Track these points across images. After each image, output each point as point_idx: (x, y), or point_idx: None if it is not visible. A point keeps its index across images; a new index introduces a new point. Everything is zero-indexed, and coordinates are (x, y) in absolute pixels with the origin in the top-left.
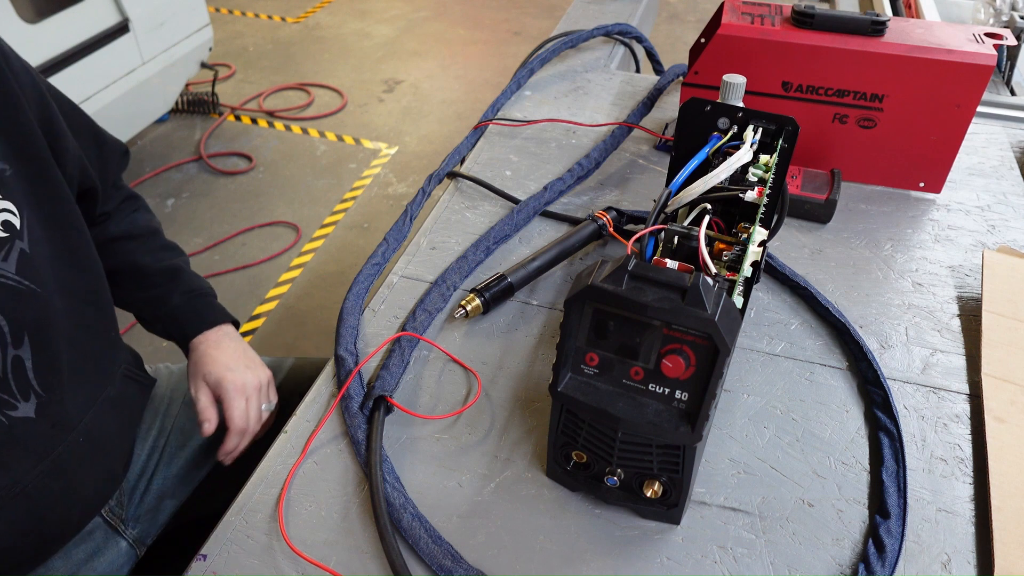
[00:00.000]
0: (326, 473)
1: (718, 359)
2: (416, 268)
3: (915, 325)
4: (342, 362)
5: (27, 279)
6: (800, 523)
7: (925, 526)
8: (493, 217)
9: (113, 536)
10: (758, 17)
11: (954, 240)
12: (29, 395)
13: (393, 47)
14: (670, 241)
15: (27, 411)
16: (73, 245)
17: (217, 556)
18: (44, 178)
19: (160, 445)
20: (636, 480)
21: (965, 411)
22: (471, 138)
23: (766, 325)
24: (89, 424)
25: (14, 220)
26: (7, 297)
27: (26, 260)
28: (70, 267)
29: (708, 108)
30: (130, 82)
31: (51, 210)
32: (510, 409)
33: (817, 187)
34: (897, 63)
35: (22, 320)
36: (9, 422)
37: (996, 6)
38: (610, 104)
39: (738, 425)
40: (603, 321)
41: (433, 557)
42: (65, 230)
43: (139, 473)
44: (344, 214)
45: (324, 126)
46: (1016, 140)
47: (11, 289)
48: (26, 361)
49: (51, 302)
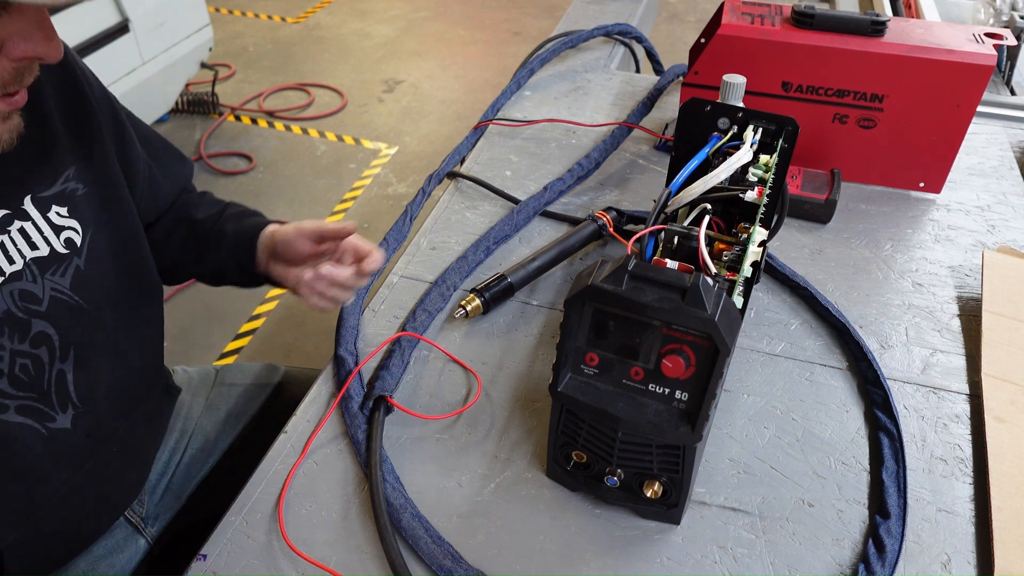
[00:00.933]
0: (326, 473)
1: (718, 359)
2: (416, 268)
3: (915, 325)
4: (342, 362)
5: (78, 295)
6: (800, 523)
7: (925, 526)
8: (493, 217)
9: (134, 534)
10: (758, 17)
11: (954, 240)
12: (67, 407)
13: (393, 47)
14: (670, 241)
15: (64, 422)
16: (134, 263)
17: (217, 556)
18: (115, 198)
19: (181, 447)
20: (636, 480)
21: (965, 411)
22: (471, 138)
23: (766, 325)
24: (123, 435)
25: (76, 238)
26: (61, 312)
27: (80, 277)
28: (128, 285)
29: (708, 108)
30: (130, 82)
31: (117, 229)
32: (510, 409)
33: (817, 187)
34: (897, 63)
35: (72, 335)
36: (48, 433)
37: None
38: (610, 104)
39: (738, 425)
40: (603, 321)
41: (433, 557)
42: (129, 249)
43: (160, 473)
44: (344, 214)
45: (324, 126)
46: (1016, 140)
47: (65, 304)
48: (68, 374)
49: (100, 318)
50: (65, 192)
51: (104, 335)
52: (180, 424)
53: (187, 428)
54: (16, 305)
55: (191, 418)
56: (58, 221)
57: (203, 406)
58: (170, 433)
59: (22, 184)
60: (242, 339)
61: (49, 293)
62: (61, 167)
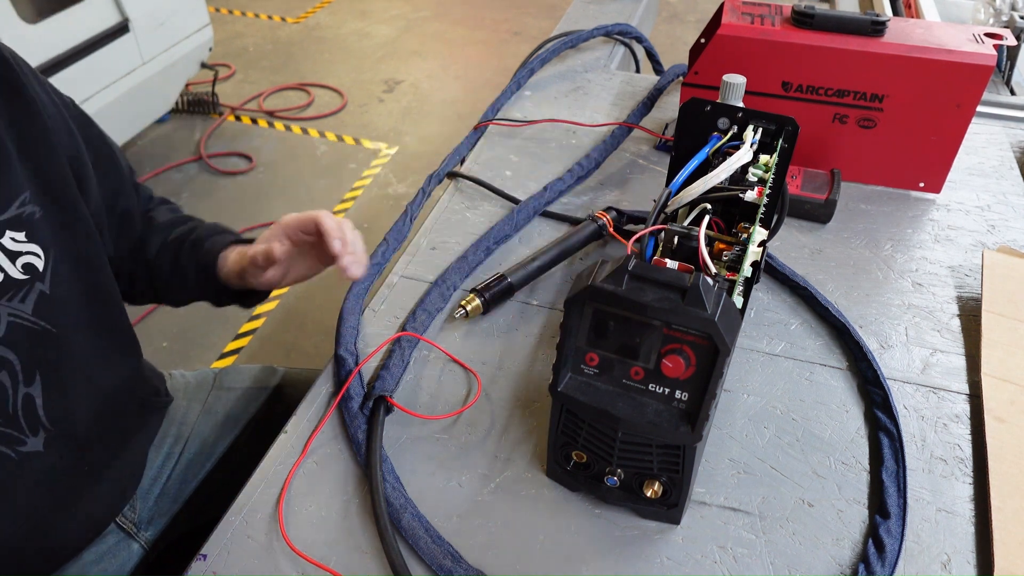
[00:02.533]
0: (326, 473)
1: (718, 359)
2: (416, 268)
3: (915, 325)
4: (342, 362)
5: (43, 320)
6: (800, 523)
7: (925, 526)
8: (493, 217)
9: (125, 539)
10: (758, 17)
11: (954, 240)
12: (38, 430)
13: (393, 47)
14: (670, 241)
15: (36, 445)
16: (98, 283)
17: (217, 556)
18: (73, 218)
19: (176, 452)
20: (636, 480)
21: (965, 411)
22: (471, 138)
23: (766, 325)
24: (100, 452)
25: (37, 263)
26: (23, 337)
27: (44, 301)
28: (94, 304)
29: (708, 108)
30: (130, 82)
31: (78, 249)
32: (510, 409)
33: (817, 187)
34: (897, 63)
35: (36, 359)
36: (18, 457)
37: (996, 6)
38: (610, 104)
39: (738, 425)
40: (603, 321)
41: (433, 557)
42: (92, 268)
43: (153, 478)
44: (344, 214)
45: (324, 126)
46: (1016, 140)
47: (27, 330)
48: (36, 399)
49: (69, 341)
50: (22, 216)
51: (73, 358)
52: (175, 429)
53: (182, 433)
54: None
55: (187, 423)
56: (13, 247)
57: (199, 411)
58: (163, 439)
59: None
60: (242, 339)
61: (7, 319)
62: (16, 191)
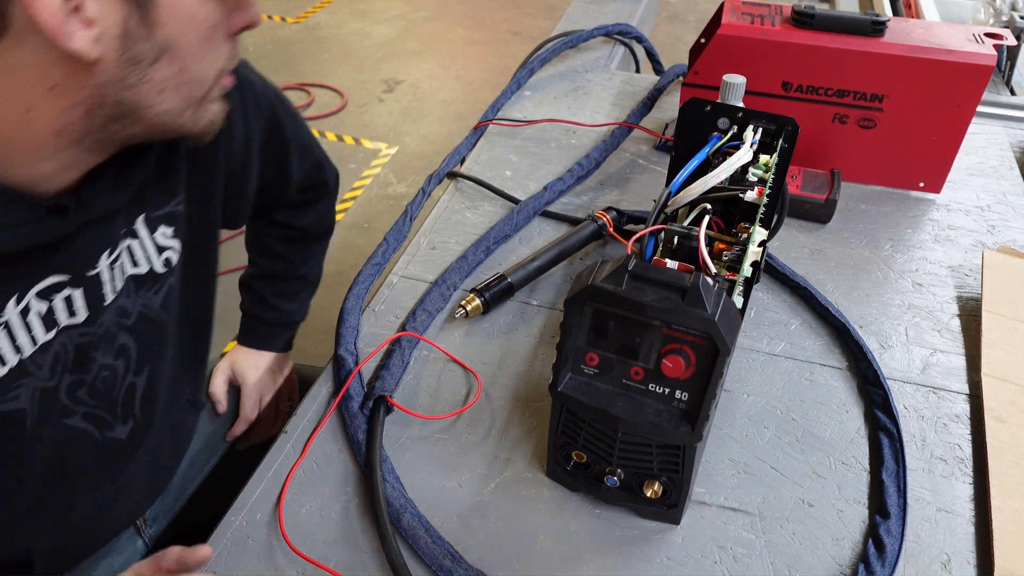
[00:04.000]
0: (326, 473)
1: (718, 359)
2: (416, 268)
3: (915, 325)
4: (342, 362)
5: (166, 312)
6: (800, 523)
7: (925, 526)
8: (493, 217)
9: (133, 535)
10: (758, 17)
11: (954, 240)
12: (129, 418)
13: (393, 47)
14: (670, 241)
15: (121, 432)
16: (205, 278)
17: (217, 556)
18: (207, 217)
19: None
20: (636, 480)
21: (965, 411)
22: (471, 138)
23: (766, 325)
24: (154, 445)
25: (174, 258)
26: (145, 328)
27: (171, 295)
28: (195, 298)
29: (708, 108)
30: None
31: (199, 245)
32: (510, 409)
33: (817, 187)
34: (897, 63)
35: (150, 350)
36: (101, 439)
37: (996, 6)
38: (610, 104)
39: (738, 425)
40: (603, 321)
41: (433, 557)
42: (204, 264)
43: None
44: (344, 214)
45: (324, 126)
46: (1016, 140)
47: (151, 321)
48: (138, 389)
49: (175, 333)
50: (175, 214)
51: (172, 349)
52: None
53: None
54: (115, 322)
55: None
56: (163, 242)
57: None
58: None
59: (139, 204)
60: None
61: (139, 309)
62: (176, 189)
